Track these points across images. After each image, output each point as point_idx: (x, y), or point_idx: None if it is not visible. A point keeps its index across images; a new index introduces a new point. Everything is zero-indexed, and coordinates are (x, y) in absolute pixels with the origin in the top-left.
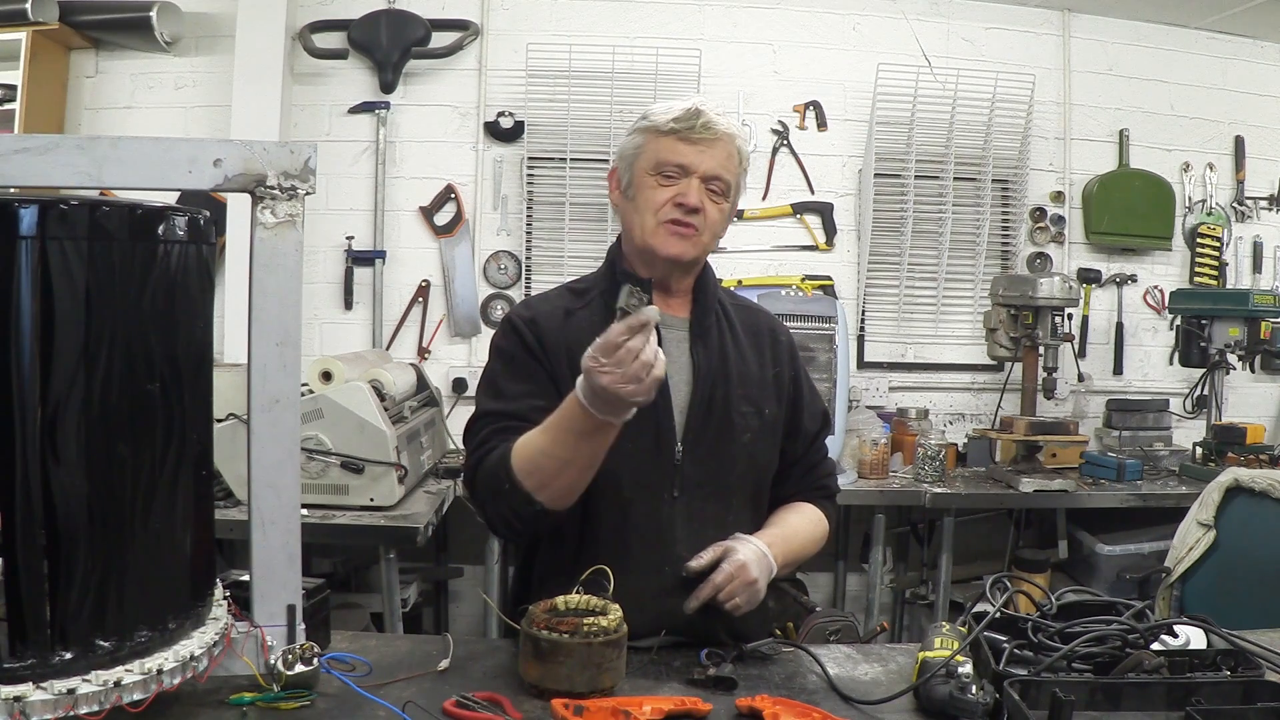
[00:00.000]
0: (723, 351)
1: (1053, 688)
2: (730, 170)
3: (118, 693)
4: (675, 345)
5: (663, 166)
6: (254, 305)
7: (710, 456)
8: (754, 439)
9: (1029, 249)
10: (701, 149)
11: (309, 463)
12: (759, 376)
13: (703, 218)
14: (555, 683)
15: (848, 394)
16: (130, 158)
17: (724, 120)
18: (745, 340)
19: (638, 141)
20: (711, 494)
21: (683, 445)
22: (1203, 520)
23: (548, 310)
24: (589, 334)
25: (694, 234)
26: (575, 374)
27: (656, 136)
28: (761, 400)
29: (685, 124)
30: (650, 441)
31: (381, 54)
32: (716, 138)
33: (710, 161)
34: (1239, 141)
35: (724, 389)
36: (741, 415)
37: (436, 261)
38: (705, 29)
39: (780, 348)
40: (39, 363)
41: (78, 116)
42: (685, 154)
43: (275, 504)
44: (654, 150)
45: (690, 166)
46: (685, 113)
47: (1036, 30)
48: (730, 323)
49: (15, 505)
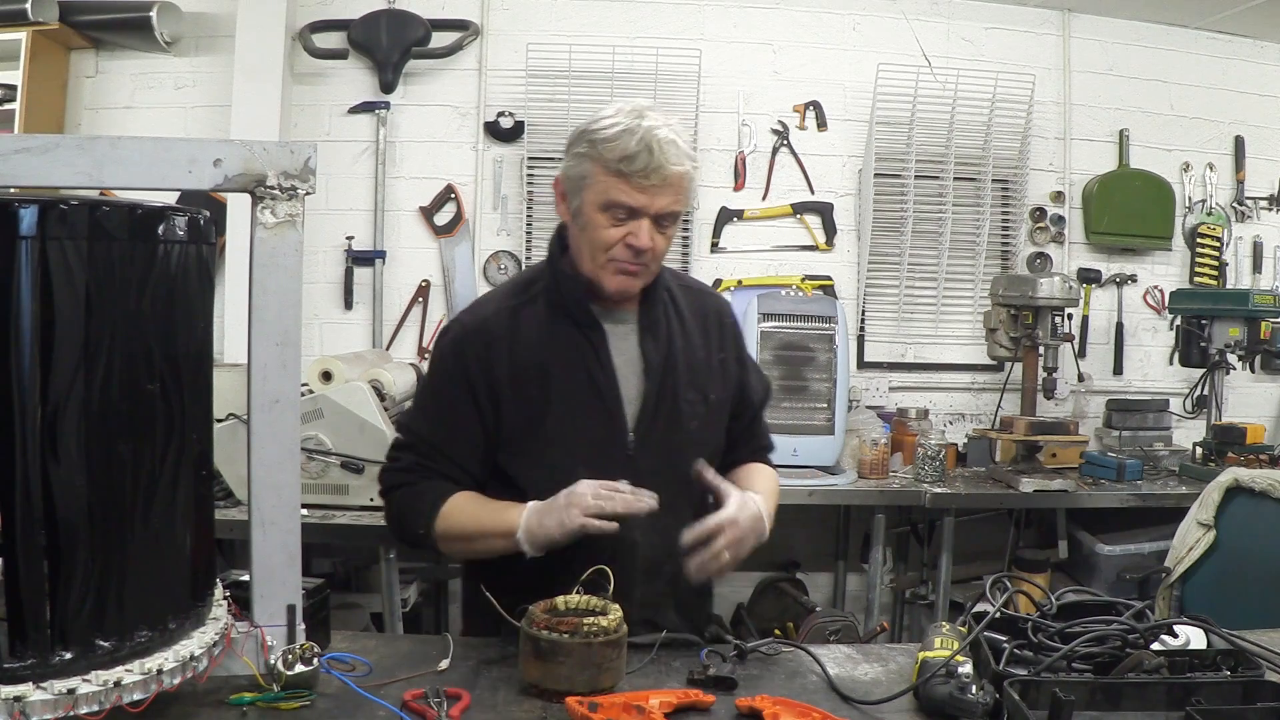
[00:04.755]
0: (670, 343)
1: (1053, 688)
2: (682, 200)
3: (118, 693)
4: (624, 339)
5: (612, 208)
6: (254, 305)
7: (661, 446)
8: (701, 425)
9: (1029, 249)
10: (653, 194)
11: (309, 463)
12: (706, 363)
13: (651, 253)
14: (555, 683)
15: (848, 394)
16: (130, 158)
17: (675, 151)
18: (693, 326)
19: (585, 170)
20: (664, 481)
21: (634, 436)
22: (1203, 520)
23: (492, 312)
24: (535, 332)
25: (642, 269)
26: (518, 374)
27: (605, 173)
28: (708, 386)
29: (635, 168)
30: (603, 435)
31: (381, 54)
32: (668, 179)
33: (662, 202)
34: (1239, 141)
35: (672, 380)
36: (689, 403)
37: (436, 261)
38: (705, 29)
39: (726, 331)
40: (39, 362)
41: (78, 116)
42: (636, 198)
43: (275, 504)
44: (603, 188)
45: (642, 210)
46: (635, 153)
47: (1036, 30)
48: (678, 310)
49: (15, 505)
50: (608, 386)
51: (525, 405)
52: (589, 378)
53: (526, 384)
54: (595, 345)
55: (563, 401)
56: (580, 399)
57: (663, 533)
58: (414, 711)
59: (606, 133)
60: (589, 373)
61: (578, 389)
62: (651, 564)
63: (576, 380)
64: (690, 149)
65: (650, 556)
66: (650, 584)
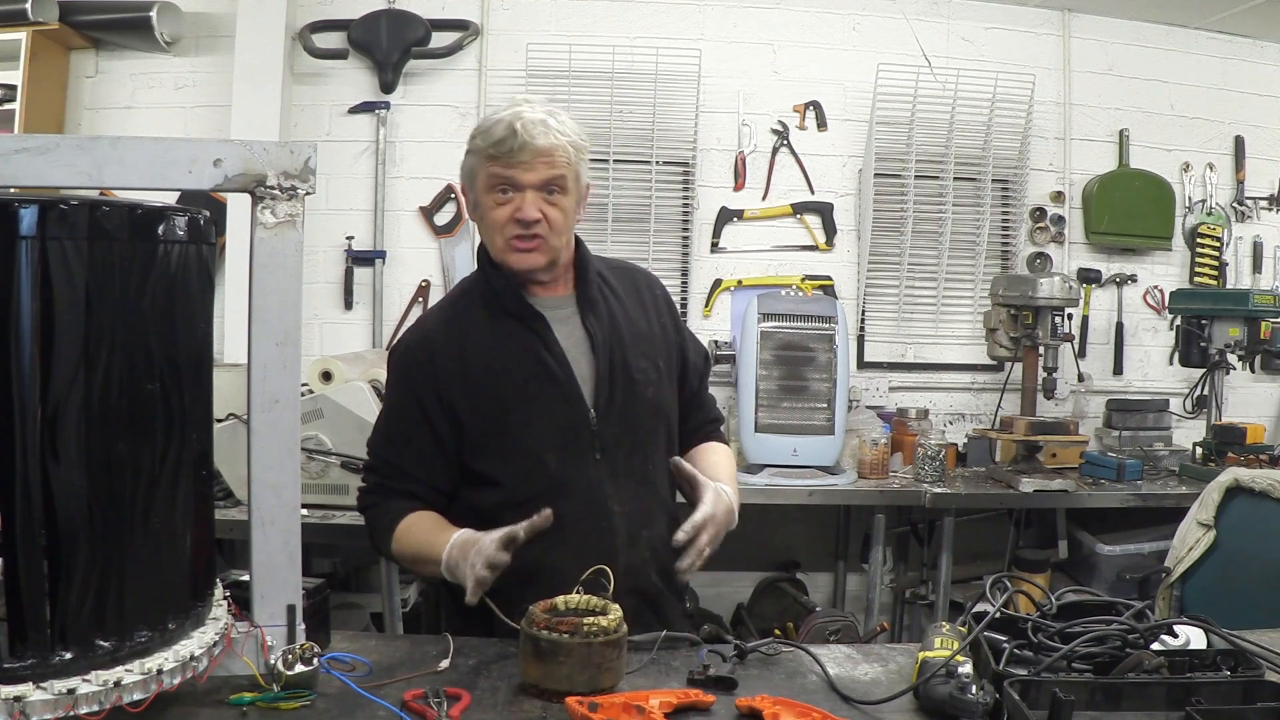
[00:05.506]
0: (612, 317)
1: (1053, 688)
2: (564, 168)
3: (118, 693)
4: (567, 322)
5: (494, 185)
6: (254, 305)
7: (622, 416)
8: (655, 391)
9: (1029, 249)
10: (525, 169)
11: (309, 463)
12: (648, 332)
13: (545, 224)
14: (555, 683)
15: (848, 394)
16: (130, 158)
17: (543, 128)
18: (628, 299)
19: (471, 164)
20: (630, 450)
21: (595, 411)
22: (1203, 520)
23: (432, 325)
24: (479, 336)
25: (540, 243)
26: (471, 380)
27: (484, 159)
28: (655, 353)
29: (504, 149)
30: (566, 418)
31: (381, 54)
32: (538, 153)
33: (537, 175)
34: (1239, 141)
35: (621, 351)
36: (642, 371)
37: (436, 261)
38: (705, 29)
39: (658, 300)
40: (39, 362)
41: (78, 116)
42: (512, 174)
43: (275, 504)
44: (485, 171)
45: (519, 182)
46: (502, 137)
47: (1036, 30)
48: (611, 287)
49: (15, 505)
50: (561, 370)
51: (484, 407)
52: (542, 366)
53: (481, 387)
54: (540, 333)
55: (521, 395)
56: (538, 388)
57: (636, 500)
58: (414, 711)
59: (483, 126)
60: (541, 361)
61: (533, 379)
62: (631, 531)
63: (530, 371)
64: (569, 127)
65: (628, 524)
66: (632, 550)
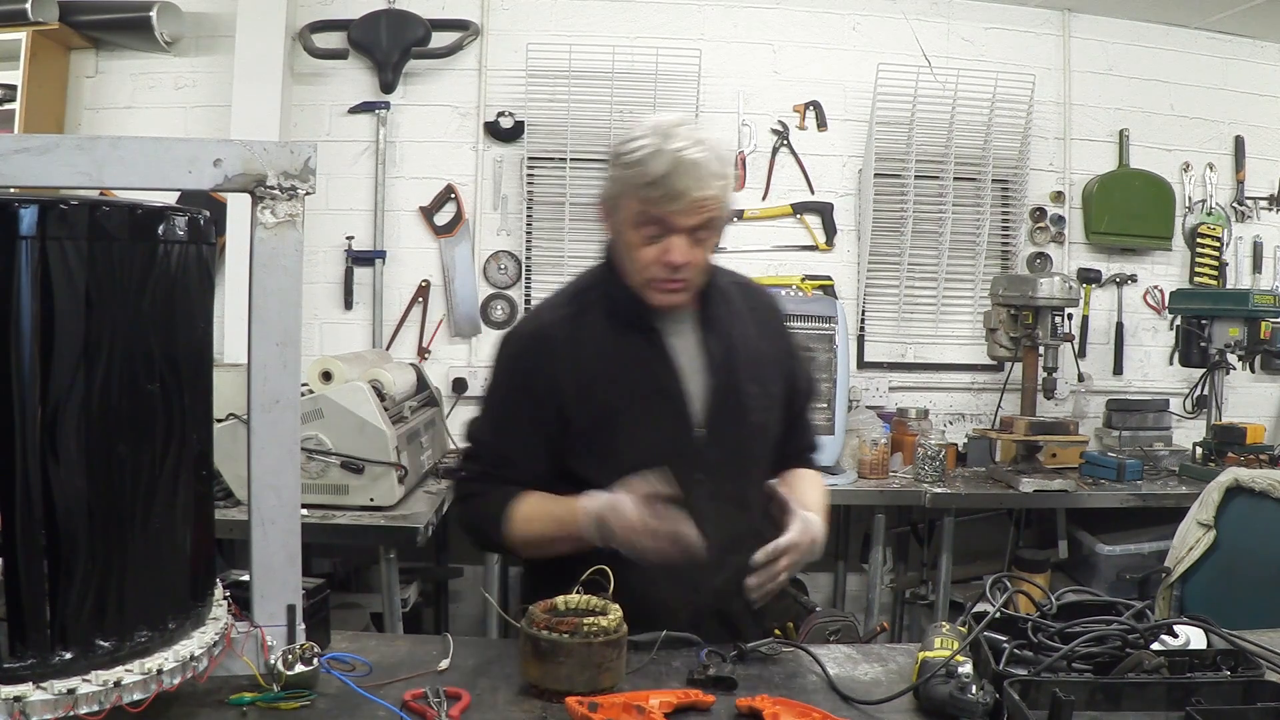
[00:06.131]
0: (730, 337)
1: (1053, 688)
2: (717, 211)
3: (118, 693)
4: (684, 337)
5: (644, 223)
6: (254, 305)
7: (728, 438)
8: (763, 416)
9: (1029, 249)
10: (681, 214)
11: (309, 463)
12: (764, 355)
13: (690, 266)
14: (555, 683)
15: (848, 394)
16: (130, 158)
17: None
18: (750, 320)
19: (616, 191)
20: (731, 473)
21: (701, 430)
22: (1203, 520)
23: (549, 320)
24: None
25: (684, 284)
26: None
27: (634, 195)
28: (768, 379)
29: (661, 193)
30: (672, 432)
31: (381, 54)
32: (695, 202)
33: (691, 220)
34: (1239, 141)
35: (735, 373)
36: (752, 395)
37: (436, 261)
38: (705, 29)
39: (779, 323)
40: (39, 363)
41: (78, 116)
42: (666, 218)
43: (275, 504)
44: (634, 206)
45: (673, 226)
46: (660, 176)
47: (1036, 30)
48: (735, 305)
49: (15, 505)
50: (673, 385)
51: (593, 410)
52: (654, 378)
53: (593, 391)
54: (656, 346)
55: (631, 404)
56: (648, 399)
57: (731, 524)
58: (414, 711)
59: (634, 155)
60: (654, 373)
61: (644, 390)
62: (720, 556)
63: (642, 382)
64: (722, 164)
65: (719, 548)
66: (718, 575)
